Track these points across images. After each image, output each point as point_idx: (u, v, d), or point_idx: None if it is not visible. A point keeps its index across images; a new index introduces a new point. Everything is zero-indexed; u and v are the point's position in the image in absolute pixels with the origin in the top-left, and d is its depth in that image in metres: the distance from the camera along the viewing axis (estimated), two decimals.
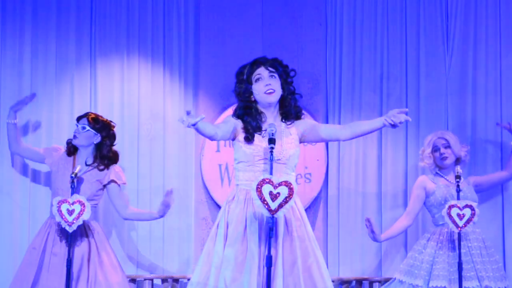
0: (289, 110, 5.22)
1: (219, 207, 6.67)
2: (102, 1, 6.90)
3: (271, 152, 4.93)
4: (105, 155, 6.22)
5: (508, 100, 6.76)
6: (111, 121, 6.35)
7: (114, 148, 6.31)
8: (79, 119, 6.29)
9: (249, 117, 5.15)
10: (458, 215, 6.02)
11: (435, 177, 6.41)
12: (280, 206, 4.88)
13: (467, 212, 6.02)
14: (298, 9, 6.98)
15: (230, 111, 5.40)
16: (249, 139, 5.11)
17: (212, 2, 6.98)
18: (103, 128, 6.25)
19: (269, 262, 4.84)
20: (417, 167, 6.69)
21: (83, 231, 6.11)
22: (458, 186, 6.05)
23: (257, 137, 5.12)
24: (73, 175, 5.96)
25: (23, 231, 6.60)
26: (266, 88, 5.14)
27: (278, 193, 4.88)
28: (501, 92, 6.84)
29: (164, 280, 6.75)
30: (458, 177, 6.07)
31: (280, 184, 4.89)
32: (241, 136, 5.14)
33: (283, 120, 5.21)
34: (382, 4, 6.99)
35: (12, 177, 6.65)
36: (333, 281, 5.14)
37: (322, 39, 7.01)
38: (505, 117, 6.76)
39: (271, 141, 4.95)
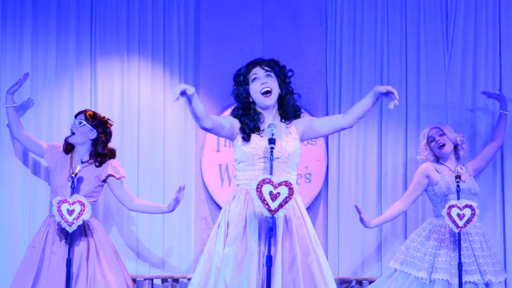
0: (288, 110, 5.21)
1: (219, 207, 6.68)
2: (102, 1, 6.89)
3: (271, 152, 4.93)
4: (100, 152, 6.23)
5: (508, 100, 6.75)
6: (108, 119, 6.36)
7: (110, 145, 6.31)
8: (77, 115, 6.32)
9: (247, 118, 5.14)
10: (458, 215, 6.02)
11: (438, 165, 6.40)
12: (280, 206, 4.87)
13: (467, 212, 6.02)
14: (298, 9, 6.98)
15: (230, 111, 5.39)
16: (245, 139, 5.11)
17: (212, 2, 6.97)
18: (100, 125, 6.27)
19: (269, 262, 4.84)
20: (416, 161, 6.68)
21: (82, 230, 6.11)
22: (458, 186, 6.05)
23: (255, 136, 5.11)
24: (73, 175, 5.97)
25: (23, 229, 6.59)
26: (262, 86, 5.12)
27: (278, 193, 4.87)
28: (500, 92, 6.83)
29: (164, 280, 6.75)
30: (458, 177, 6.07)
31: (280, 184, 4.88)
32: (239, 136, 5.14)
33: (282, 120, 5.21)
34: (382, 4, 6.99)
35: (12, 175, 6.64)
36: None
37: (322, 39, 7.01)
38: None
39: (272, 141, 4.94)
